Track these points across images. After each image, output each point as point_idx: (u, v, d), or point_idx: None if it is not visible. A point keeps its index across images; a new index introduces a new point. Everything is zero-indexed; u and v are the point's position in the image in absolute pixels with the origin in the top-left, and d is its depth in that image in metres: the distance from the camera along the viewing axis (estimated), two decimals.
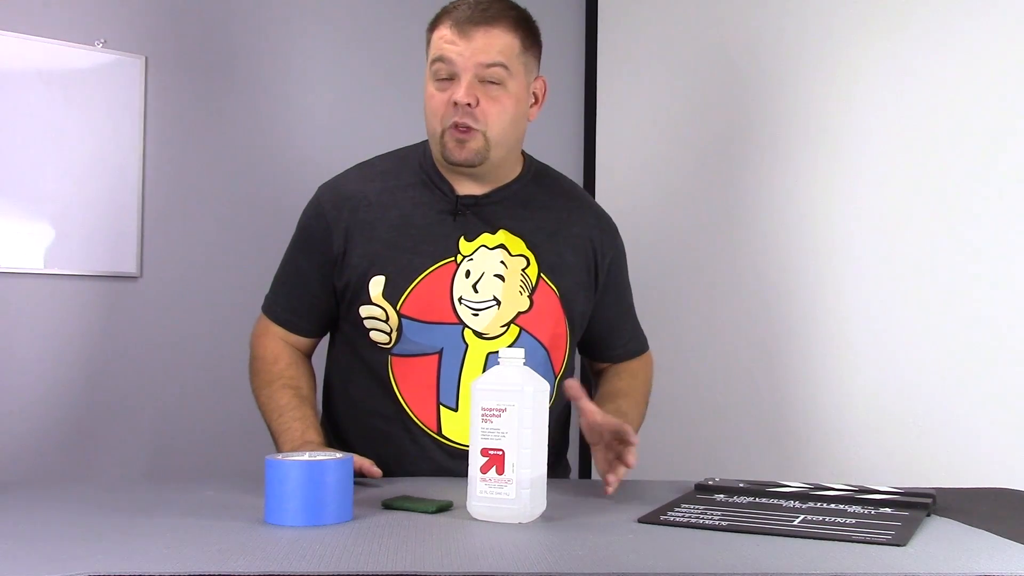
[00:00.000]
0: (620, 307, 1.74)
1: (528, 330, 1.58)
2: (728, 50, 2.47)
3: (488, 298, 1.56)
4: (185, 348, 2.37)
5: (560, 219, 1.65)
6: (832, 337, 2.18)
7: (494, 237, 1.59)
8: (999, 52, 1.91)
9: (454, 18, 1.50)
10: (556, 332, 1.61)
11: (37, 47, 2.17)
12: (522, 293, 1.58)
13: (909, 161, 2.05)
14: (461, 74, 1.49)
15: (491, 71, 1.50)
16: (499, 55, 1.49)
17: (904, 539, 1.10)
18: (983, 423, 1.90)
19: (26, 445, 2.17)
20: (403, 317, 1.54)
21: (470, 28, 1.49)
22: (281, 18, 2.51)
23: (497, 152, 1.55)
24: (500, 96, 1.51)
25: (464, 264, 1.56)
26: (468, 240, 1.57)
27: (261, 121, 2.47)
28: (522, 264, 1.59)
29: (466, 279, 1.56)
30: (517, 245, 1.59)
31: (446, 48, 1.49)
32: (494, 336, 1.56)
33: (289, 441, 1.50)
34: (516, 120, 1.55)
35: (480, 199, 1.60)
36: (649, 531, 1.15)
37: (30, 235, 2.17)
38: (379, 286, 1.55)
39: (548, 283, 1.60)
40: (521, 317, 1.57)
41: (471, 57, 1.49)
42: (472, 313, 1.55)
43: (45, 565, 0.95)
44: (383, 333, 1.56)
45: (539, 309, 1.59)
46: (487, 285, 1.56)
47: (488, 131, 1.52)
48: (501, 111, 1.52)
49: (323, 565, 0.96)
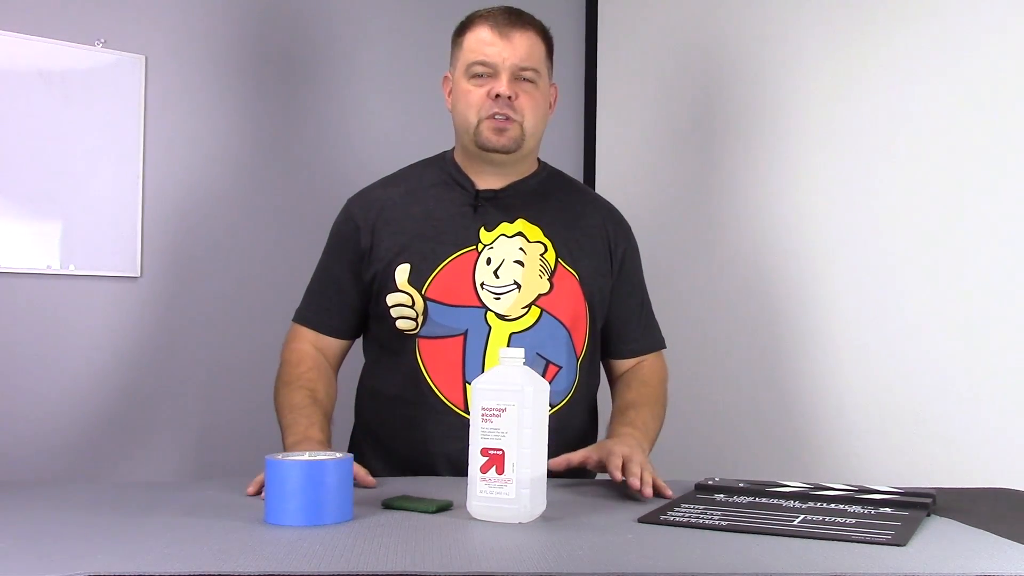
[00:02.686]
0: (632, 301, 1.79)
1: (549, 311, 1.65)
2: (728, 50, 2.47)
3: (509, 283, 1.64)
4: (185, 348, 2.37)
5: (575, 211, 1.76)
6: (832, 336, 2.18)
7: (512, 226, 1.68)
8: (999, 52, 1.91)
9: (491, 22, 1.64)
10: (576, 313, 1.68)
11: (37, 47, 2.17)
12: (542, 276, 1.67)
13: (910, 160, 2.05)
14: (501, 72, 1.62)
15: (526, 72, 1.64)
16: (532, 57, 1.65)
17: (904, 539, 1.10)
18: (983, 423, 1.90)
19: (26, 445, 2.17)
20: (428, 300, 1.62)
21: (508, 30, 1.63)
22: (282, 18, 2.50)
23: (529, 143, 1.68)
24: (533, 92, 1.66)
25: (485, 252, 1.65)
26: (488, 230, 1.67)
27: (261, 121, 2.47)
28: (540, 250, 1.68)
29: (487, 266, 1.65)
30: (535, 233, 1.69)
31: (486, 49, 1.63)
32: (516, 317, 1.64)
33: (292, 435, 1.55)
34: (544, 116, 1.70)
35: (499, 192, 1.70)
36: (649, 531, 1.15)
37: (30, 235, 2.16)
38: (404, 273, 1.64)
39: (567, 267, 1.68)
40: (542, 299, 1.65)
41: (511, 57, 1.62)
42: (494, 297, 1.64)
43: (45, 565, 0.95)
44: (409, 320, 1.63)
45: (559, 291, 1.66)
46: (507, 271, 1.65)
47: (525, 122, 1.65)
48: (535, 105, 1.66)
49: (323, 565, 0.96)
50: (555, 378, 1.64)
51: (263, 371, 2.44)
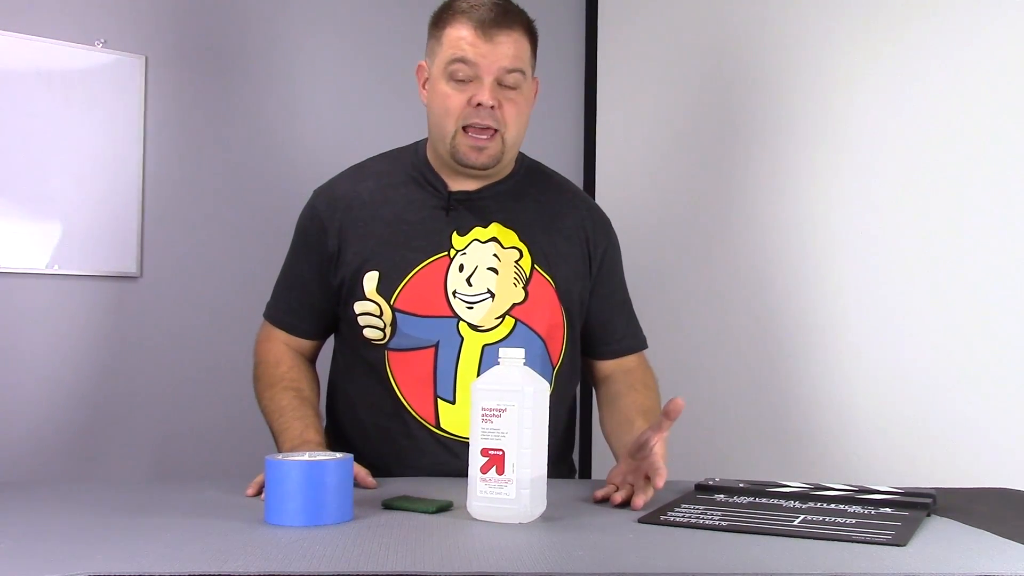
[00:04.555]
0: (613, 301, 1.71)
1: (524, 321, 1.58)
2: (728, 50, 2.46)
3: (482, 291, 1.56)
4: (185, 348, 2.37)
5: (552, 212, 1.66)
6: (832, 337, 2.18)
7: (486, 231, 1.59)
8: (998, 52, 1.91)
9: (475, 19, 1.50)
10: (552, 323, 1.60)
11: (37, 47, 2.17)
12: (516, 285, 1.58)
13: (911, 160, 2.05)
14: (484, 76, 1.50)
15: (511, 76, 1.52)
16: (518, 60, 1.52)
17: (904, 539, 1.10)
18: (984, 423, 1.90)
19: (27, 445, 2.17)
20: (397, 311, 1.55)
21: (493, 31, 1.49)
22: (282, 18, 2.50)
23: (509, 154, 1.58)
24: (517, 99, 1.54)
25: (457, 258, 1.57)
26: (460, 235, 1.58)
27: (261, 121, 2.47)
28: (515, 256, 1.59)
29: (460, 273, 1.56)
30: (509, 238, 1.60)
31: (468, 50, 1.50)
32: (489, 328, 1.56)
33: (288, 440, 1.50)
34: (526, 122, 1.59)
35: (472, 195, 1.61)
36: (649, 531, 1.15)
37: (30, 235, 2.16)
38: (373, 281, 1.55)
39: (542, 274, 1.60)
40: (516, 308, 1.57)
41: (495, 61, 1.50)
42: (467, 306, 1.55)
43: (45, 565, 0.95)
44: (376, 329, 1.56)
45: (534, 300, 1.58)
46: (481, 278, 1.57)
47: (507, 133, 1.54)
48: (518, 113, 1.55)
49: (323, 565, 0.96)
50: None
51: None
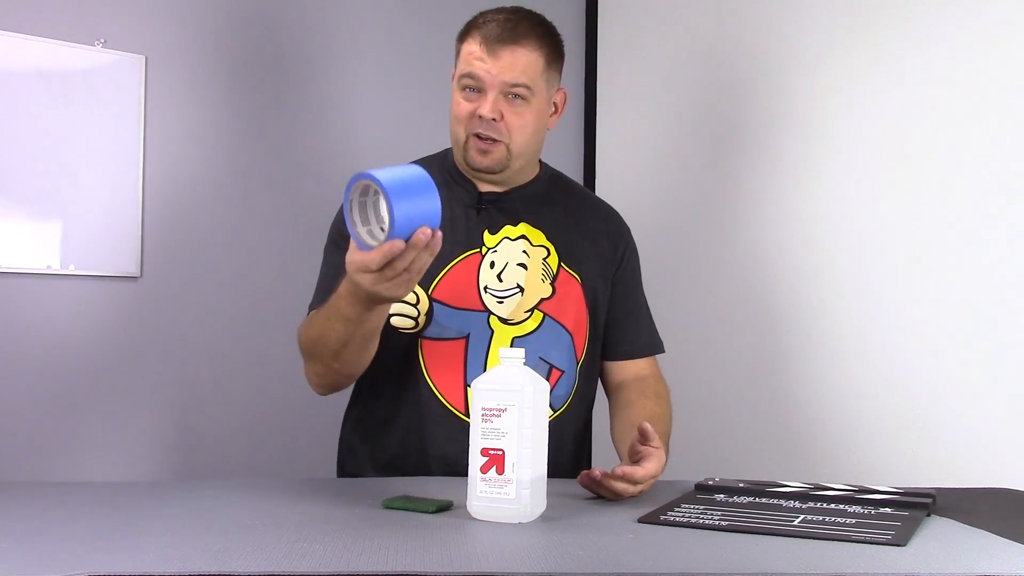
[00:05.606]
0: (628, 303, 1.76)
1: (551, 315, 1.65)
2: (728, 50, 2.47)
3: (512, 286, 1.63)
4: (185, 348, 2.37)
5: (577, 215, 1.74)
6: (832, 337, 2.18)
7: (516, 229, 1.67)
8: (998, 52, 1.91)
9: (483, 35, 1.58)
10: (578, 317, 1.67)
11: (37, 47, 2.17)
12: (544, 280, 1.66)
13: (910, 161, 2.05)
14: (487, 90, 1.58)
15: (515, 89, 1.58)
16: (523, 75, 1.58)
17: (904, 539, 1.10)
18: (983, 423, 1.90)
19: (27, 445, 2.17)
20: (434, 301, 1.60)
21: (498, 47, 1.57)
22: (282, 18, 2.51)
23: (517, 162, 1.64)
24: (523, 111, 1.60)
25: (488, 255, 1.64)
26: (492, 233, 1.66)
27: (261, 121, 2.47)
28: (543, 254, 1.67)
29: (491, 269, 1.64)
30: (538, 236, 1.68)
31: (475, 64, 1.57)
32: (519, 321, 1.63)
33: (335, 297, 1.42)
34: (536, 131, 1.64)
35: (501, 196, 1.69)
36: (649, 531, 1.15)
37: (30, 235, 2.17)
38: None
39: (569, 271, 1.68)
40: (544, 303, 1.65)
41: (498, 75, 1.57)
42: (497, 301, 1.62)
43: (45, 565, 0.95)
44: (408, 318, 1.60)
45: (561, 295, 1.66)
46: (510, 274, 1.64)
47: (511, 143, 1.61)
48: (523, 125, 1.61)
49: (323, 565, 0.96)
50: (557, 383, 1.63)
51: (263, 370, 2.45)
